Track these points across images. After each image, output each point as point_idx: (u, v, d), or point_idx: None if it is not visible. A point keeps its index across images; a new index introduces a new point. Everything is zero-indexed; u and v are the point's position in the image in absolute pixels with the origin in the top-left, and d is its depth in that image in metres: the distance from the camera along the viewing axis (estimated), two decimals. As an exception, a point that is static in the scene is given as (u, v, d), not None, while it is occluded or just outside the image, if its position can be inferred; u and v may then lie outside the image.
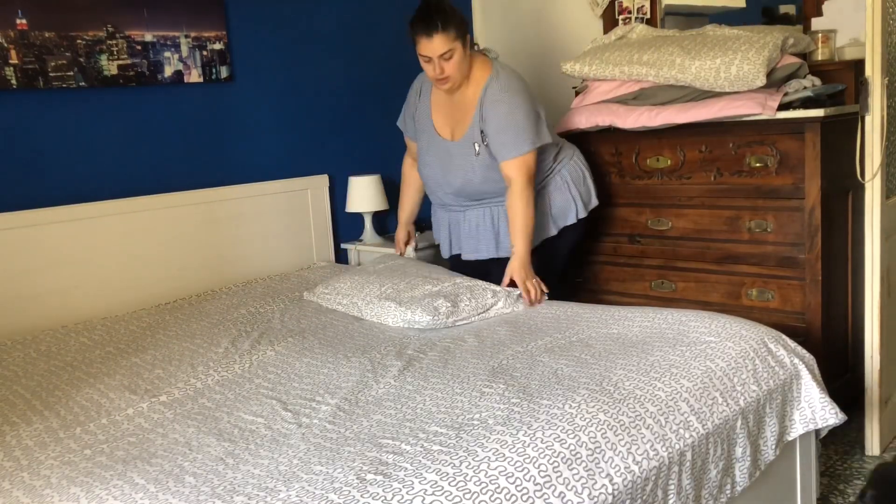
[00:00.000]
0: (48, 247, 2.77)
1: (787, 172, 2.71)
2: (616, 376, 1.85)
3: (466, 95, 2.76)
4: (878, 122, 2.50)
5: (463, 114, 2.78)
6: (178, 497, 1.45)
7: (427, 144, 2.89)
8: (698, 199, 2.93)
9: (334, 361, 2.15)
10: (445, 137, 2.84)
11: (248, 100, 3.36)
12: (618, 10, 3.60)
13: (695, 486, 1.73)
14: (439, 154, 2.84)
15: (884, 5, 2.44)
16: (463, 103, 2.77)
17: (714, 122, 2.80)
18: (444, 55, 2.60)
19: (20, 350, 2.46)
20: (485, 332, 2.34)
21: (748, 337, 2.10)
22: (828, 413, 2.10)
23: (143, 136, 3.07)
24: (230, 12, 3.27)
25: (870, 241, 2.59)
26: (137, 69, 3.00)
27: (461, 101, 2.78)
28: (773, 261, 2.78)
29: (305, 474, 1.49)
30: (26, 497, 1.52)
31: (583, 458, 1.54)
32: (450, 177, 2.83)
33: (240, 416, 1.82)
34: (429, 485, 1.41)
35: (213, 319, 2.66)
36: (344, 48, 3.67)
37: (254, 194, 3.32)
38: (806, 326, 2.71)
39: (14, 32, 2.69)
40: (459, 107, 2.79)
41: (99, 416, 1.88)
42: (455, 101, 2.80)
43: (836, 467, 2.61)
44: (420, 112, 2.91)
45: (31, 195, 2.78)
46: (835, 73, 2.88)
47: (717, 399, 1.85)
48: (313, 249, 3.54)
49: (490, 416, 1.68)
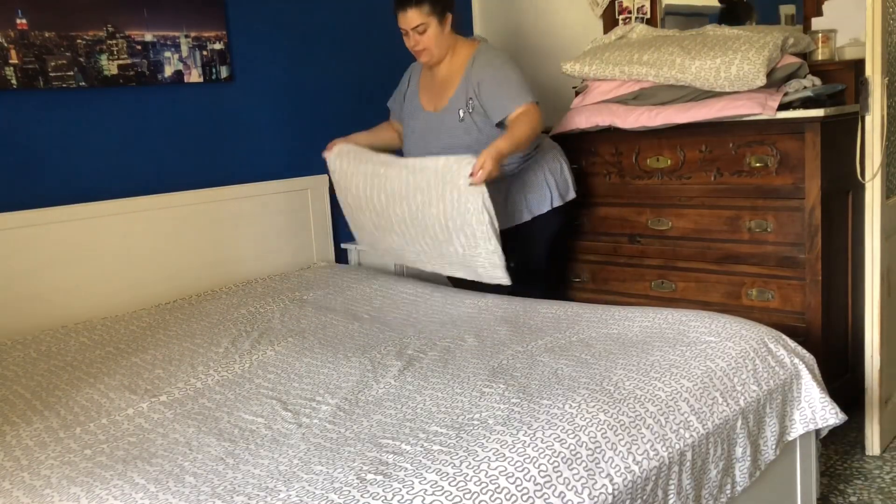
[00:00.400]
0: (48, 247, 2.77)
1: (787, 172, 2.71)
2: (616, 376, 1.85)
3: (451, 69, 2.92)
4: (878, 122, 2.50)
5: (446, 87, 2.93)
6: (178, 497, 1.45)
7: (412, 122, 3.01)
8: (698, 199, 2.93)
9: (334, 361, 2.16)
10: (429, 110, 2.97)
11: (248, 100, 3.36)
12: (618, 10, 3.60)
13: (695, 486, 1.73)
14: (423, 127, 2.97)
15: (884, 5, 2.44)
16: (447, 77, 2.93)
17: (714, 122, 2.80)
18: (418, 28, 2.80)
19: (20, 350, 2.46)
20: (485, 331, 2.34)
21: (748, 337, 2.10)
22: (828, 413, 2.10)
23: (143, 136, 3.07)
24: (230, 12, 3.27)
25: (870, 241, 2.59)
26: (137, 69, 3.00)
27: (445, 75, 2.93)
28: (773, 261, 2.78)
29: (305, 474, 1.49)
30: (26, 497, 1.52)
31: (583, 457, 1.54)
32: (431, 147, 2.87)
33: (240, 416, 1.82)
34: (429, 485, 1.41)
35: (213, 319, 2.66)
36: (344, 48, 3.67)
37: (254, 194, 3.32)
38: (806, 326, 2.71)
39: (14, 32, 2.69)
40: (443, 82, 2.94)
41: (99, 416, 1.88)
42: (439, 78, 2.95)
43: (836, 467, 2.61)
44: (409, 93, 3.07)
45: (31, 195, 2.78)
46: (835, 73, 2.88)
47: (717, 399, 1.85)
48: (313, 249, 3.54)
49: (490, 416, 1.68)
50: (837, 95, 2.81)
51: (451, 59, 2.91)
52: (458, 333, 2.35)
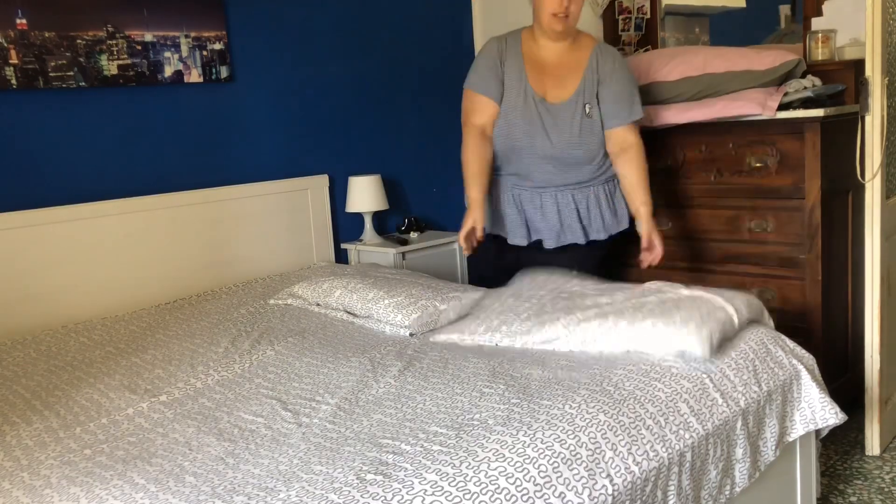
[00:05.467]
0: (48, 247, 2.77)
1: (787, 172, 2.71)
2: (616, 377, 1.85)
3: (570, 56, 2.73)
4: (878, 122, 2.50)
5: (567, 73, 2.72)
6: (178, 497, 1.45)
7: (520, 107, 2.71)
8: (698, 199, 2.93)
9: (334, 361, 2.15)
10: (549, 99, 2.71)
11: (248, 100, 3.36)
12: (618, 10, 3.60)
13: (694, 487, 1.73)
14: (536, 116, 2.70)
15: (884, 5, 2.44)
16: (565, 64, 2.73)
17: (714, 122, 2.80)
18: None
19: (20, 350, 2.46)
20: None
21: (748, 337, 2.10)
22: (828, 413, 2.10)
23: (143, 136, 3.07)
24: (230, 12, 3.27)
25: (870, 241, 2.59)
26: (137, 69, 3.00)
27: (562, 61, 2.73)
28: (773, 261, 2.78)
29: (305, 474, 1.49)
30: (26, 497, 1.52)
31: (583, 458, 1.54)
32: (548, 140, 2.68)
33: (240, 416, 1.82)
34: (429, 485, 1.41)
35: (213, 319, 2.66)
36: (344, 48, 3.67)
37: (254, 194, 3.32)
38: (806, 326, 2.71)
39: (14, 32, 2.69)
40: (558, 67, 2.73)
41: (99, 416, 1.88)
42: (552, 63, 2.74)
43: (836, 467, 2.61)
44: (510, 71, 2.73)
45: (32, 195, 2.78)
46: (835, 73, 2.88)
47: (716, 400, 1.85)
48: (313, 249, 3.54)
49: (490, 417, 1.68)
50: (837, 95, 2.81)
51: (573, 43, 2.74)
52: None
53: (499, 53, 2.76)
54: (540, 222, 2.78)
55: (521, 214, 2.80)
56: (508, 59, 2.75)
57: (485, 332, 2.22)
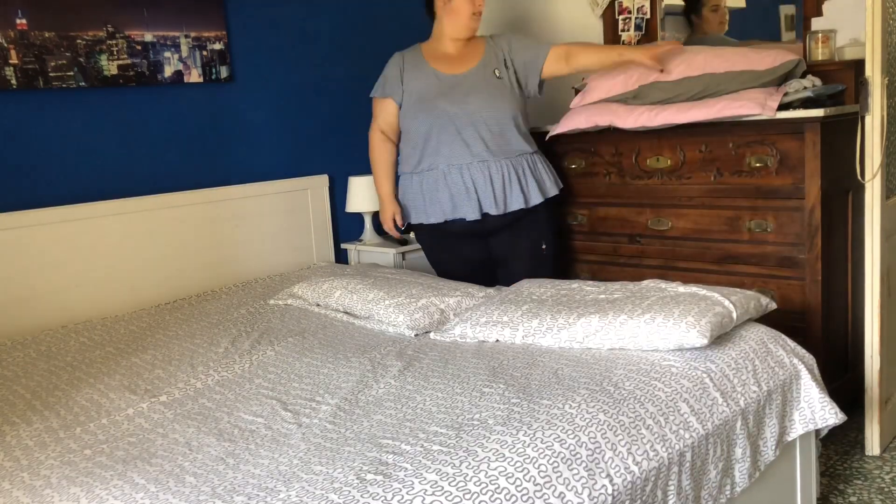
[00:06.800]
0: (48, 247, 2.77)
1: (787, 172, 2.71)
2: (616, 376, 1.85)
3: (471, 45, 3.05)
4: (878, 122, 2.50)
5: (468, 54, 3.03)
6: (178, 497, 1.45)
7: (433, 86, 2.97)
8: (698, 199, 2.93)
9: (334, 361, 2.15)
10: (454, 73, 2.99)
11: (248, 100, 3.36)
12: (618, 10, 3.60)
13: (694, 487, 1.73)
14: (448, 88, 2.96)
15: (884, 5, 2.44)
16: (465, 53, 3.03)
17: (714, 122, 2.80)
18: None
19: (20, 350, 2.47)
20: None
21: (748, 337, 2.10)
22: (828, 413, 2.10)
23: (143, 136, 3.07)
24: (230, 12, 3.27)
25: (870, 241, 2.59)
26: (137, 69, 3.00)
27: (463, 52, 3.03)
28: (773, 261, 2.78)
29: (305, 474, 1.49)
30: (26, 497, 1.52)
31: (583, 458, 1.54)
32: (466, 105, 2.91)
33: (240, 416, 1.82)
34: (429, 485, 1.41)
35: (213, 319, 2.66)
36: (344, 48, 3.67)
37: (254, 194, 3.32)
38: (806, 326, 2.71)
39: (14, 32, 2.70)
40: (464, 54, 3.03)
41: (99, 416, 1.88)
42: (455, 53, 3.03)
43: (836, 467, 2.61)
44: (413, 72, 3.01)
45: (31, 195, 2.78)
46: (835, 73, 2.88)
47: (716, 399, 1.85)
48: (313, 249, 3.54)
49: (490, 416, 1.68)
50: (837, 95, 2.81)
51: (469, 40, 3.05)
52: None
53: (400, 59, 3.06)
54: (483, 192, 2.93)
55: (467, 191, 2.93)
56: (409, 62, 3.04)
57: (485, 326, 2.25)
